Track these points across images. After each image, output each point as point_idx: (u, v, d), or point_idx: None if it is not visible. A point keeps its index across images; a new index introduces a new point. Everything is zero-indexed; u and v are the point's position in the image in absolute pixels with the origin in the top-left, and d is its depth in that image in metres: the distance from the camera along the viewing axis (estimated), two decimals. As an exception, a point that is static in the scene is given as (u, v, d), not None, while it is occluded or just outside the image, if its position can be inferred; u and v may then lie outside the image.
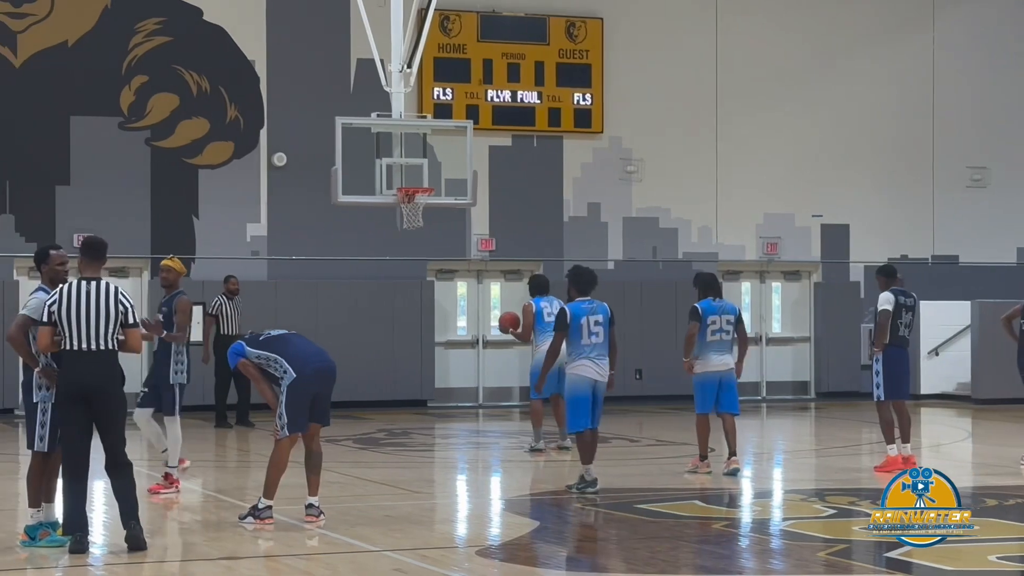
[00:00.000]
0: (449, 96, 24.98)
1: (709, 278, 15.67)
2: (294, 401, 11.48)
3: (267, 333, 12.03)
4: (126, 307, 10.21)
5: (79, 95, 23.32)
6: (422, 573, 9.43)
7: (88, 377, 10.06)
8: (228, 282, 21.17)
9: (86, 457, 10.17)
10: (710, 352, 15.17)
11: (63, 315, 10.07)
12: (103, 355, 10.11)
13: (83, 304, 10.08)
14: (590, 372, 13.31)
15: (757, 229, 26.82)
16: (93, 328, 10.07)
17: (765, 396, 26.73)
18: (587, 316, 13.32)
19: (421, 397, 24.47)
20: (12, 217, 23.02)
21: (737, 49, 26.55)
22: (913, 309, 15.40)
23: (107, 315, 10.11)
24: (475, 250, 25.29)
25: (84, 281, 10.20)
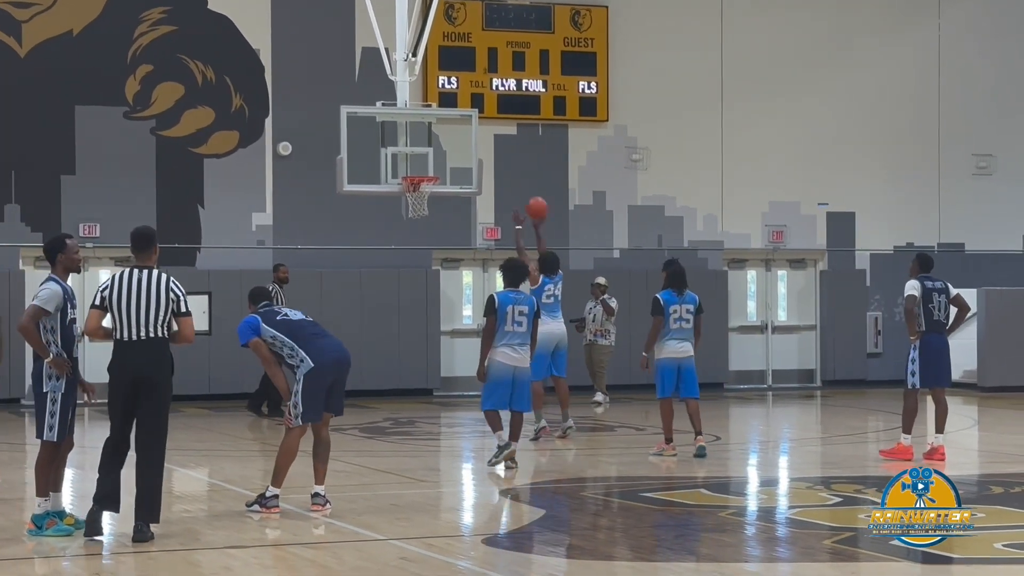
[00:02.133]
0: (454, 85, 24.96)
1: (679, 270, 16.07)
2: (311, 390, 11.51)
3: (283, 313, 11.94)
4: (177, 295, 10.26)
5: (84, 85, 23.32)
6: (428, 562, 9.44)
7: (139, 365, 10.13)
8: (279, 270, 20.87)
9: (128, 445, 10.25)
10: (670, 339, 15.55)
11: (114, 303, 10.14)
12: (154, 343, 10.16)
13: (135, 292, 10.15)
14: (508, 359, 14.16)
15: (763, 217, 26.80)
16: (143, 316, 10.12)
17: (771, 384, 26.72)
18: (512, 306, 14.20)
19: (427, 386, 24.48)
20: (18, 207, 23.03)
21: (742, 37, 26.51)
22: (946, 292, 15.17)
23: (158, 303, 10.16)
24: (480, 239, 25.28)
25: (136, 269, 10.28)
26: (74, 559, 9.79)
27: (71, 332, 10.41)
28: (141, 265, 10.34)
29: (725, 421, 21.42)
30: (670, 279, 15.87)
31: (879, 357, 26.94)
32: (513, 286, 14.41)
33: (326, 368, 11.60)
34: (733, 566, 9.40)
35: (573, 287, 19.92)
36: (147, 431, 10.22)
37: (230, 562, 9.59)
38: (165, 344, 10.24)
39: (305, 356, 11.52)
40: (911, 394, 14.97)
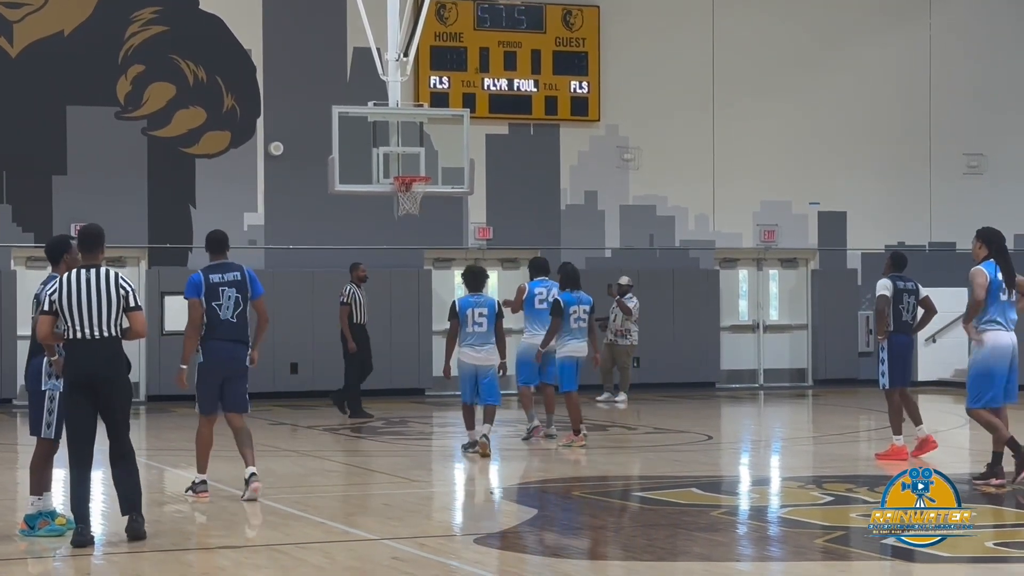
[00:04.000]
0: (446, 85, 24.97)
1: (573, 270, 16.51)
2: (203, 384, 12.17)
3: (220, 277, 12.08)
4: (127, 291, 10.18)
5: (75, 85, 23.31)
6: (420, 561, 9.45)
7: (93, 365, 10.05)
8: (357, 269, 20.51)
9: (91, 446, 10.18)
10: (571, 339, 16.24)
11: (64, 304, 10.05)
12: (107, 342, 10.09)
13: (84, 292, 10.06)
14: (468, 358, 15.40)
15: (754, 216, 26.83)
16: (96, 315, 10.05)
17: (763, 384, 26.76)
18: (472, 308, 15.32)
19: (419, 386, 24.49)
20: (9, 207, 23.02)
21: (734, 36, 26.54)
22: (915, 293, 15.23)
23: (108, 301, 10.09)
24: (472, 238, 25.29)
25: (84, 269, 10.18)
26: (65, 560, 9.79)
27: None
28: (89, 264, 10.23)
29: (717, 420, 21.45)
30: (564, 280, 16.42)
31: (871, 356, 26.96)
32: (475, 291, 15.54)
33: (214, 367, 12.09)
34: (725, 565, 9.42)
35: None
36: (115, 429, 10.19)
37: (222, 562, 9.60)
38: (119, 343, 10.16)
39: (202, 348, 12.06)
40: (890, 394, 15.01)
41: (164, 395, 22.19)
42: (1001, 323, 12.57)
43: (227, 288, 12.07)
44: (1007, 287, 12.58)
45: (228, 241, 12.27)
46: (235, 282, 12.05)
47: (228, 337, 12.03)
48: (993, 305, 12.53)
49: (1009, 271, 12.60)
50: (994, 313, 12.56)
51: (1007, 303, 12.63)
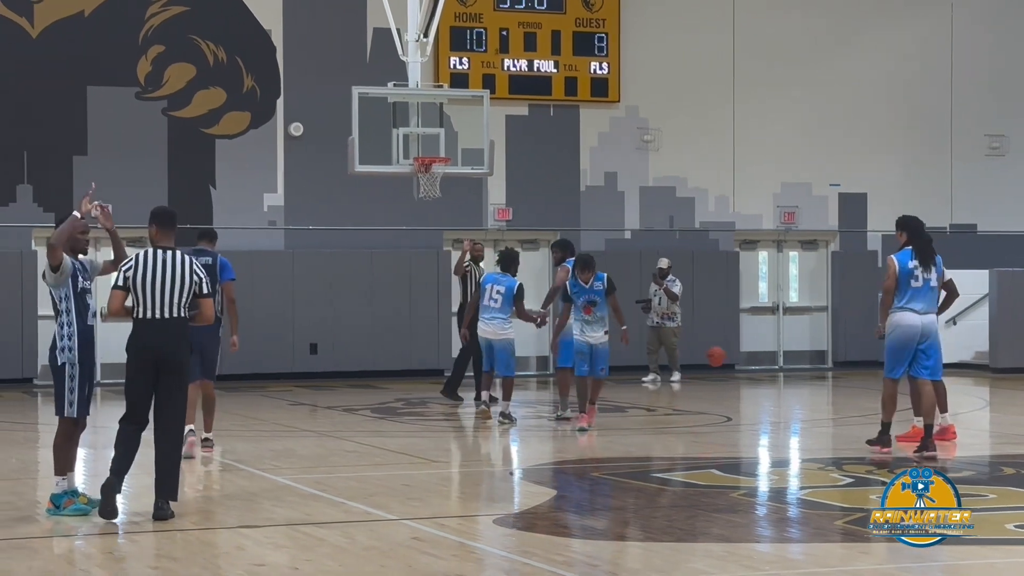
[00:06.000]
0: (465, 65, 24.94)
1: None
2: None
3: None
4: (200, 277, 10.36)
5: (96, 65, 23.34)
6: (440, 542, 9.47)
7: (160, 344, 10.17)
8: (476, 246, 19.78)
9: (146, 423, 10.30)
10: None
11: (138, 282, 10.17)
12: (175, 323, 10.22)
13: (158, 272, 10.20)
14: (481, 331, 16.81)
15: (774, 198, 26.77)
16: (167, 296, 10.17)
17: (782, 365, 26.73)
18: (492, 284, 16.69)
19: (438, 367, 24.50)
20: (30, 187, 23.08)
21: (754, 17, 26.46)
22: None
23: (182, 284, 10.23)
24: (492, 219, 25.29)
25: (160, 250, 10.34)
26: (89, 538, 9.83)
27: (84, 302, 10.44)
28: (164, 246, 10.38)
29: (736, 402, 21.44)
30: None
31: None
32: (505, 271, 16.81)
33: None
34: (744, 546, 9.42)
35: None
36: (169, 410, 10.28)
37: (243, 541, 9.63)
38: (185, 324, 10.30)
39: None
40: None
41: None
42: (910, 307, 13.66)
43: None
44: (924, 270, 13.68)
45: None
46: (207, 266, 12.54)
47: None
48: (905, 291, 13.66)
49: (925, 255, 13.69)
50: (906, 298, 13.67)
51: (922, 288, 13.69)
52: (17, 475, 12.99)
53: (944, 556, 8.86)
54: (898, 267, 13.68)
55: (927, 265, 13.71)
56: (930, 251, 13.79)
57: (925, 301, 13.73)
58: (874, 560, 8.98)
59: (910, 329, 13.71)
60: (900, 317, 13.70)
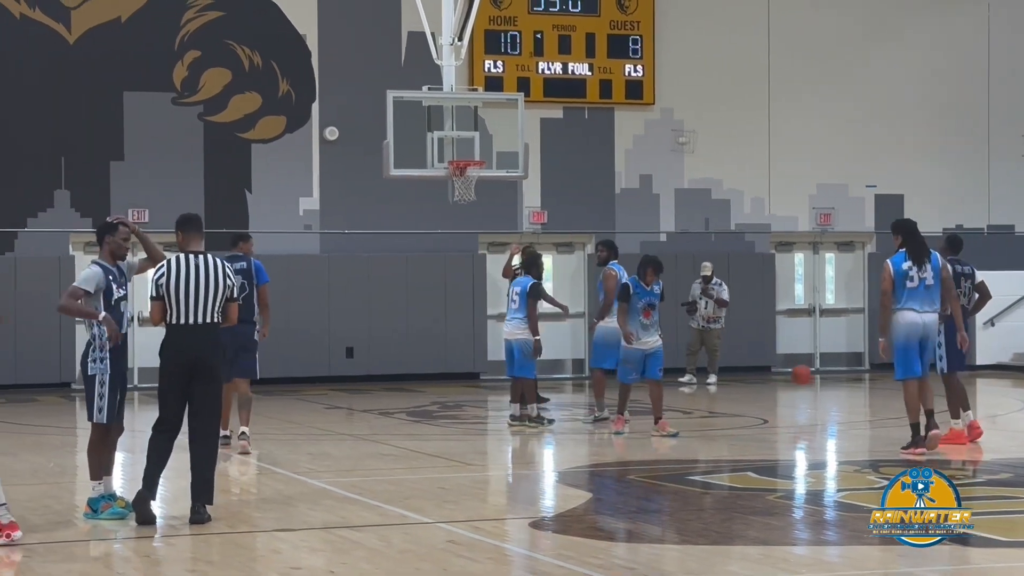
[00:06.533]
0: (500, 69, 24.96)
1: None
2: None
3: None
4: (232, 282, 10.41)
5: (132, 71, 23.45)
6: (475, 545, 9.47)
7: (194, 350, 10.19)
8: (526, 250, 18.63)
9: (179, 428, 10.33)
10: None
11: (171, 288, 10.19)
12: (208, 328, 10.26)
13: (192, 278, 10.22)
14: (504, 333, 16.80)
15: (810, 200, 26.69)
16: (201, 302, 10.21)
17: (819, 367, 26.62)
18: (513, 286, 16.75)
19: (474, 370, 24.52)
20: (67, 193, 23.20)
21: (789, 18, 26.38)
22: (971, 277, 15.14)
23: (216, 289, 10.26)
24: (527, 223, 25.29)
25: (191, 255, 10.33)
26: (125, 542, 9.88)
27: (118, 311, 10.45)
28: (194, 251, 10.40)
29: (772, 404, 21.37)
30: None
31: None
32: (526, 272, 16.83)
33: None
34: (781, 549, 9.39)
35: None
36: (204, 415, 10.31)
37: (279, 545, 9.65)
38: (218, 329, 10.33)
39: None
40: (947, 377, 14.90)
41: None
42: (909, 307, 13.89)
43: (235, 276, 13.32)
44: (918, 270, 13.89)
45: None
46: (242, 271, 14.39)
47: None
48: (901, 292, 13.88)
49: (919, 256, 13.91)
50: (903, 299, 13.89)
51: (918, 288, 13.90)
52: (55, 479, 13.05)
53: (979, 560, 8.81)
54: (892, 269, 13.91)
55: (921, 265, 13.91)
56: (924, 251, 13.99)
57: (923, 300, 13.94)
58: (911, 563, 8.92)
59: (912, 327, 13.90)
60: (900, 317, 13.92)
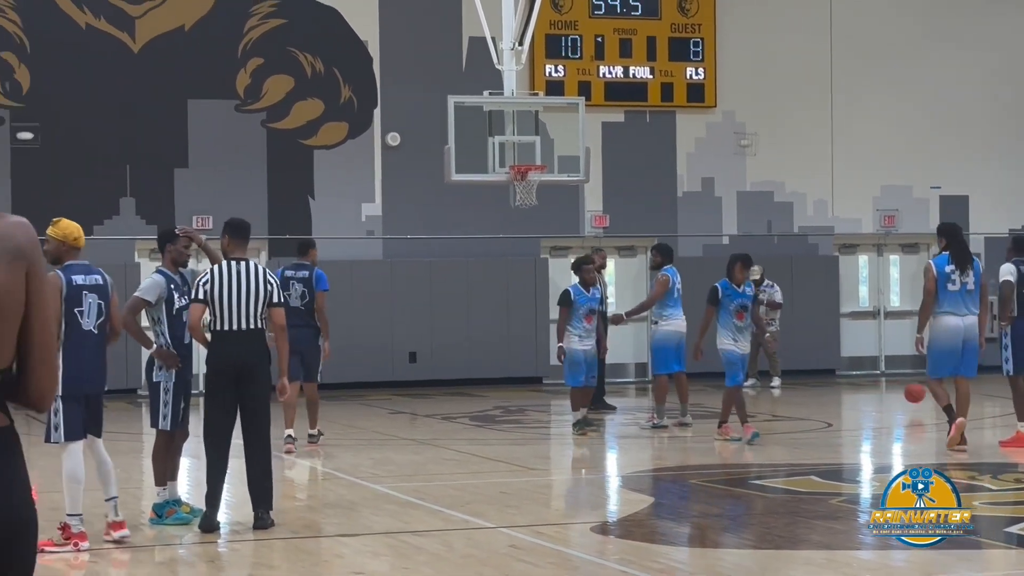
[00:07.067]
0: (561, 73, 24.95)
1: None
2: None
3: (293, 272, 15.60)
4: (273, 286, 10.42)
5: (196, 78, 23.63)
6: (537, 549, 9.47)
7: (238, 356, 10.25)
8: (597, 255, 18.72)
9: (229, 434, 10.38)
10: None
11: (215, 295, 10.25)
12: (252, 334, 10.30)
13: (233, 284, 10.28)
14: (575, 343, 16.14)
15: (874, 201, 26.52)
16: (244, 307, 10.27)
17: (884, 370, 26.43)
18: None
19: (536, 374, 24.52)
20: (133, 200, 23.41)
21: (851, 19, 26.22)
22: None
23: (257, 294, 10.31)
24: (589, 227, 25.28)
25: (234, 262, 10.41)
26: (190, 547, 9.95)
27: (180, 322, 10.54)
28: (238, 257, 10.46)
29: (837, 407, 21.25)
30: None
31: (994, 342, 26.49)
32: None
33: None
34: (845, 554, 9.33)
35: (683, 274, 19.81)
36: (255, 420, 10.36)
37: (342, 550, 9.70)
38: (263, 335, 10.38)
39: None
40: (1014, 380, 14.78)
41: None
42: (949, 310, 14.21)
43: (297, 283, 15.40)
44: (961, 274, 14.21)
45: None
46: (304, 279, 15.38)
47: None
48: (943, 295, 14.20)
49: (962, 260, 14.25)
50: (944, 302, 14.21)
51: (959, 292, 14.21)
52: (122, 484, 13.10)
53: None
54: (936, 271, 14.20)
55: (964, 269, 14.20)
56: (966, 255, 14.31)
57: (964, 304, 14.22)
58: (976, 567, 8.86)
59: (953, 332, 14.22)
60: (941, 321, 14.23)
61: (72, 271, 9.64)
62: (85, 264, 9.78)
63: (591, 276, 16.55)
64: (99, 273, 9.84)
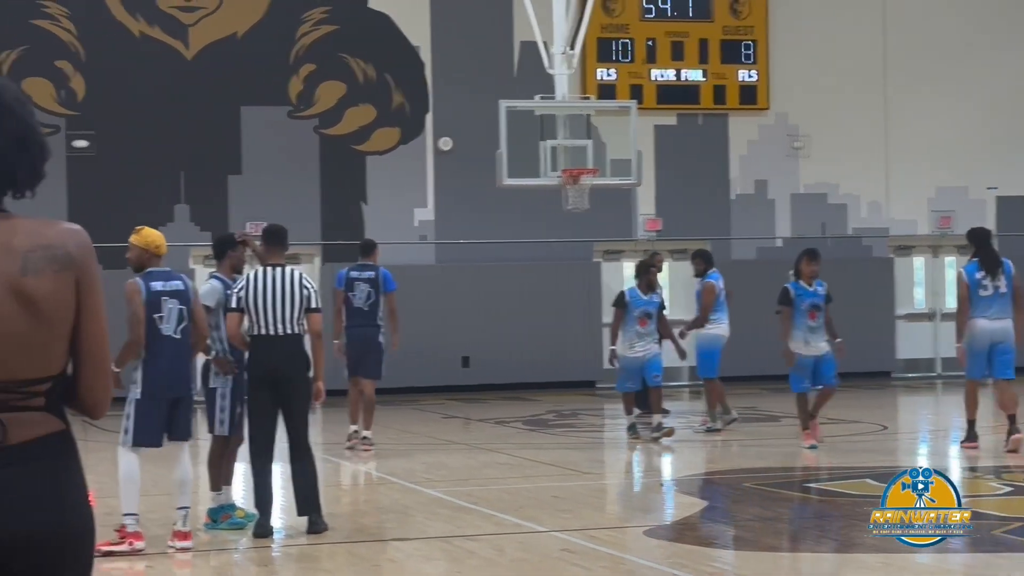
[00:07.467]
0: (613, 76, 24.93)
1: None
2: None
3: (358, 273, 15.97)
4: (309, 291, 10.41)
5: (249, 85, 23.76)
6: (590, 553, 9.45)
7: (275, 361, 10.26)
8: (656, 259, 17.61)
9: (272, 440, 10.39)
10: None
11: (250, 301, 10.29)
12: (289, 339, 10.31)
13: (268, 290, 10.30)
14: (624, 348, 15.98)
15: (929, 203, 26.33)
16: (280, 313, 10.27)
17: (940, 372, 26.23)
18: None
19: (589, 378, 24.49)
20: (187, 207, 23.55)
21: (905, 18, 26.06)
22: None
23: (292, 299, 10.31)
24: (642, 230, 25.23)
25: (269, 268, 10.44)
26: (244, 551, 10.00)
27: None
28: (274, 263, 10.48)
29: (893, 410, 21.11)
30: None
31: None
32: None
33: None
34: (901, 557, 9.25)
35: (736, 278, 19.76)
36: (296, 425, 10.38)
37: (395, 554, 9.72)
38: (301, 340, 10.38)
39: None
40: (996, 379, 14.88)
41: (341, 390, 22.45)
42: (983, 316, 14.51)
43: (363, 284, 15.68)
44: (991, 278, 14.47)
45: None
46: (370, 279, 15.67)
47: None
48: (976, 301, 14.50)
49: (991, 265, 14.49)
50: (978, 308, 14.52)
51: (992, 296, 14.49)
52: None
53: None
54: (967, 278, 14.56)
55: (994, 273, 14.45)
56: (995, 260, 14.52)
57: (995, 308, 14.51)
58: (1034, 571, 8.78)
59: (983, 334, 14.55)
60: (974, 325, 14.56)
61: (152, 277, 9.91)
62: (166, 270, 10.03)
63: (655, 279, 16.27)
64: (180, 279, 10.08)
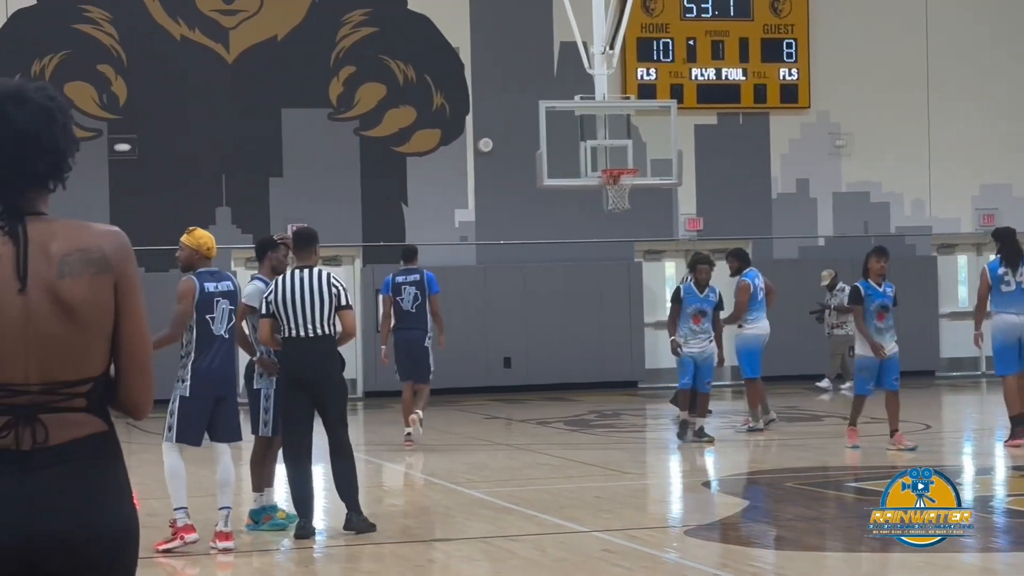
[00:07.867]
0: (653, 76, 24.88)
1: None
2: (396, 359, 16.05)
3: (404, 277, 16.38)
4: (339, 289, 10.40)
5: (289, 88, 23.83)
6: (631, 553, 9.44)
7: (307, 363, 10.26)
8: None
9: (308, 442, 10.38)
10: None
11: (280, 304, 10.30)
12: (321, 340, 10.30)
13: (298, 292, 10.30)
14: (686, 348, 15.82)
15: (973, 201, 26.16)
16: (309, 314, 10.28)
17: (985, 371, 26.05)
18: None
19: (631, 378, 24.46)
20: (228, 209, 23.64)
21: (948, 14, 25.91)
22: None
23: (321, 300, 10.31)
24: (683, 230, 25.17)
25: (298, 270, 10.45)
26: (286, 552, 10.03)
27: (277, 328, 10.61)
28: (302, 265, 10.49)
29: (937, 409, 20.99)
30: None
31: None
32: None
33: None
34: (945, 556, 9.19)
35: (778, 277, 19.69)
36: (333, 426, 10.38)
37: (435, 555, 9.72)
38: (332, 340, 10.37)
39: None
40: None
41: (381, 391, 22.54)
42: (1006, 311, 14.73)
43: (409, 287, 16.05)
44: (1013, 274, 14.68)
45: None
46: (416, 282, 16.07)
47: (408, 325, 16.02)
48: (999, 296, 14.77)
49: (1013, 260, 14.71)
50: (1001, 303, 14.79)
51: (1014, 292, 14.68)
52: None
53: None
54: (989, 275, 14.88)
55: (1015, 268, 14.67)
56: (1016, 256, 14.75)
57: (1018, 303, 14.72)
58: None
59: (1010, 328, 14.72)
60: (999, 320, 14.82)
61: (203, 278, 9.98)
62: (215, 271, 10.12)
63: (705, 276, 15.89)
64: (229, 279, 10.19)
